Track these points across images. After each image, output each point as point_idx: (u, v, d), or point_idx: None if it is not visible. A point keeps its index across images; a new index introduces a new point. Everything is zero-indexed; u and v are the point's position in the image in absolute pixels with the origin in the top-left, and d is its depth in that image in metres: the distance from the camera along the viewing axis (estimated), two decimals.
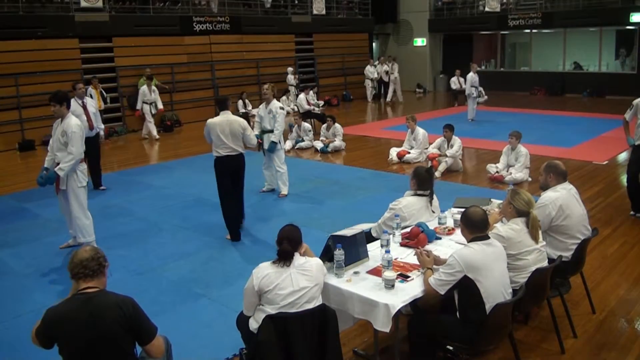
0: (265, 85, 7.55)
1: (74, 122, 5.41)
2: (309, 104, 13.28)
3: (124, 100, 14.01)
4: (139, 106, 12.40)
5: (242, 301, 3.16)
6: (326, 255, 3.48)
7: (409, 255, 3.67)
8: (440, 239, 3.99)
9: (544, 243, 3.73)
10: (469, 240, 3.27)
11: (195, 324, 4.23)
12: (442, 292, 3.16)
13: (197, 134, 12.57)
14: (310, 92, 13.78)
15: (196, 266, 5.37)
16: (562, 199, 4.07)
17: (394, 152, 9.69)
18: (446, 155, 8.75)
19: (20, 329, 4.19)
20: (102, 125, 8.38)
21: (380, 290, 3.19)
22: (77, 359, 2.56)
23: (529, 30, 20.02)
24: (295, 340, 2.91)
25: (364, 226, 3.89)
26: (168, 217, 6.89)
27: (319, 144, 10.88)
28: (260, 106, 7.75)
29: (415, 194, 4.31)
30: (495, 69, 21.61)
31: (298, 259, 3.08)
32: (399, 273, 3.37)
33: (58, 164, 5.40)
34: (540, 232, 3.64)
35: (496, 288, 3.16)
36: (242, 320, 3.23)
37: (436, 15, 22.01)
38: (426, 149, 9.45)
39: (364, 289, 3.21)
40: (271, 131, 7.42)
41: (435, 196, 4.41)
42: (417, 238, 3.82)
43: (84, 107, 7.85)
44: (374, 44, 22.90)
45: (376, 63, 19.52)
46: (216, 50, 15.82)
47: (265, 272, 3.02)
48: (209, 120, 5.96)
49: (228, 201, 6.04)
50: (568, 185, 4.22)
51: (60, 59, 12.71)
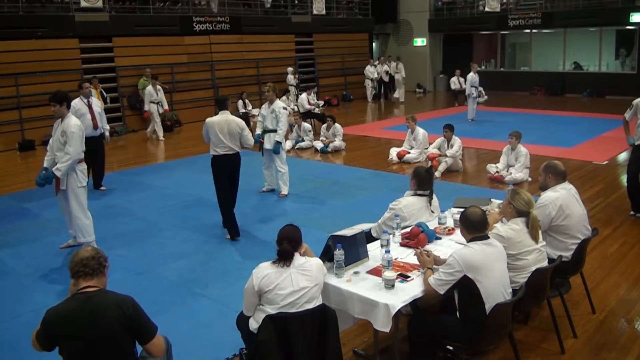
0: (267, 86, 7.55)
1: (73, 122, 5.42)
2: (309, 103, 13.29)
3: (124, 100, 14.02)
4: (147, 107, 12.33)
5: (242, 301, 3.16)
6: (326, 255, 3.48)
7: (409, 255, 3.67)
8: (440, 239, 4.00)
9: (544, 243, 3.73)
10: (469, 241, 3.27)
11: (195, 324, 4.23)
12: (442, 292, 3.17)
13: (197, 134, 12.51)
14: (312, 92, 13.79)
15: (196, 266, 5.37)
16: (562, 199, 4.07)
17: (394, 152, 9.70)
18: (446, 155, 8.75)
19: (20, 329, 4.20)
20: (108, 126, 8.34)
21: (380, 290, 3.19)
22: (77, 358, 2.56)
23: (529, 30, 20.03)
24: (295, 340, 2.91)
25: (364, 226, 3.89)
26: (168, 217, 6.89)
27: (319, 144, 10.89)
28: (262, 106, 7.75)
29: (415, 194, 4.31)
30: (495, 69, 21.62)
31: (298, 259, 3.08)
32: (399, 273, 3.37)
33: (58, 162, 5.40)
34: (540, 232, 3.64)
35: (496, 288, 3.16)
36: (242, 320, 3.23)
37: (436, 15, 22.02)
38: (426, 149, 9.45)
39: (364, 289, 3.21)
40: (273, 131, 7.42)
41: (435, 196, 4.42)
42: (417, 238, 3.82)
43: (89, 107, 7.84)
44: (374, 44, 22.90)
45: (376, 63, 19.53)
46: (216, 50, 15.82)
47: (265, 272, 3.02)
48: (208, 119, 6.03)
49: (225, 200, 6.09)
50: (568, 185, 4.22)
51: (60, 59, 12.71)
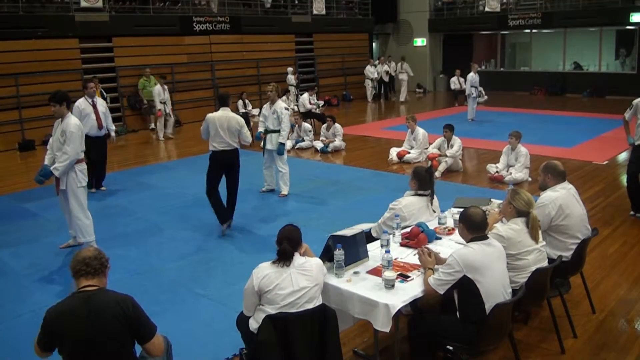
0: (270, 86, 7.54)
1: (73, 122, 5.41)
2: (310, 103, 13.28)
3: (124, 100, 14.02)
4: (159, 106, 12.35)
5: (242, 301, 3.16)
6: (326, 255, 3.48)
7: (409, 255, 3.67)
8: (440, 239, 4.00)
9: (544, 243, 3.73)
10: (468, 241, 3.27)
11: (195, 324, 4.23)
12: (442, 292, 3.17)
13: (197, 134, 12.49)
14: (313, 93, 13.77)
15: (196, 266, 5.37)
16: (562, 199, 4.07)
17: (394, 152, 9.70)
18: (446, 155, 8.75)
19: (20, 329, 4.20)
20: (113, 127, 8.30)
21: (380, 290, 3.19)
22: (77, 357, 2.56)
23: (529, 30, 20.02)
24: (295, 340, 2.91)
25: (364, 226, 3.89)
26: (168, 217, 6.89)
27: (319, 144, 10.88)
28: (264, 106, 7.74)
29: (416, 194, 4.31)
30: (495, 69, 21.61)
31: (298, 259, 3.08)
32: (399, 273, 3.37)
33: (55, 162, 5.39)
34: (540, 232, 3.64)
35: (496, 288, 3.16)
36: (242, 320, 3.23)
37: (436, 15, 22.01)
38: (426, 149, 9.45)
39: (364, 289, 3.21)
40: (275, 131, 7.41)
41: (435, 196, 4.42)
42: (417, 238, 3.82)
43: (94, 106, 7.81)
44: (374, 44, 22.90)
45: (376, 63, 19.53)
46: (216, 50, 15.82)
47: (265, 272, 3.02)
48: (209, 115, 6.17)
49: (212, 190, 6.22)
50: (567, 185, 4.21)
51: (60, 59, 12.71)
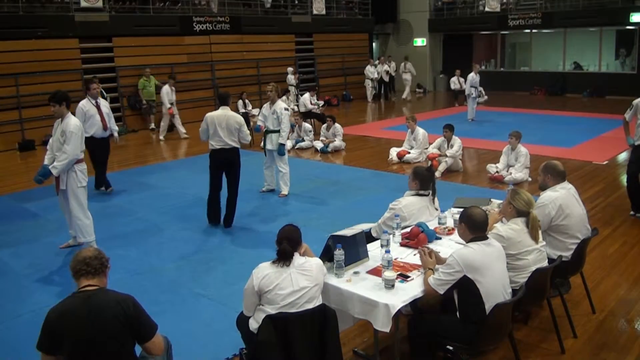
0: (270, 86, 7.54)
1: (73, 122, 5.41)
2: (311, 103, 13.28)
3: (124, 100, 14.01)
4: (168, 105, 12.35)
5: (242, 301, 3.16)
6: (326, 255, 3.48)
7: (409, 255, 3.67)
8: (440, 239, 4.00)
9: (544, 243, 3.73)
10: (468, 241, 3.27)
11: (195, 324, 4.23)
12: (442, 292, 3.17)
13: (198, 134, 12.52)
14: (314, 94, 13.76)
15: (196, 266, 5.37)
16: (562, 199, 4.07)
17: (394, 152, 9.70)
18: (446, 155, 8.75)
19: (20, 329, 4.20)
20: (116, 127, 8.25)
21: (380, 290, 3.19)
22: (77, 356, 2.56)
23: (529, 30, 20.02)
24: (295, 340, 2.91)
25: (364, 226, 3.89)
26: (168, 217, 6.89)
27: (319, 144, 10.89)
28: (264, 105, 7.74)
29: (417, 194, 4.31)
30: (495, 69, 21.61)
31: (298, 258, 3.08)
32: (399, 273, 3.37)
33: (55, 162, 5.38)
34: (540, 232, 3.64)
35: (496, 288, 3.16)
36: (242, 320, 3.23)
37: (436, 15, 22.01)
38: (426, 149, 9.45)
39: (364, 289, 3.21)
40: (275, 132, 7.41)
41: (436, 196, 4.42)
42: (417, 238, 3.82)
43: (98, 107, 7.74)
44: (374, 44, 22.90)
45: (376, 63, 19.53)
46: (216, 50, 15.81)
47: (265, 272, 3.02)
48: (208, 114, 6.29)
49: (214, 189, 6.39)
50: (567, 185, 4.22)
51: (60, 59, 12.71)
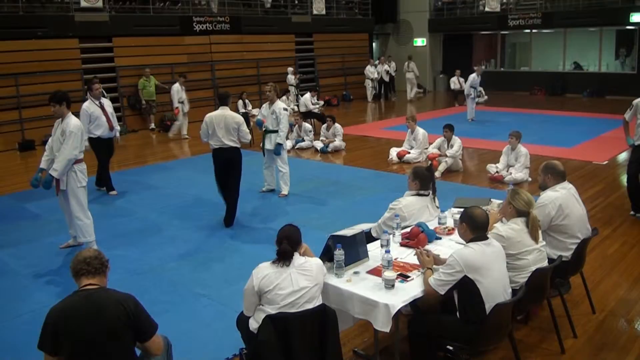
0: (269, 86, 7.54)
1: (73, 122, 5.40)
2: (311, 104, 13.27)
3: (124, 100, 14.01)
4: (176, 104, 12.34)
5: (242, 301, 3.16)
6: (326, 255, 3.48)
7: (409, 255, 3.67)
8: (440, 239, 4.00)
9: (544, 243, 3.73)
10: (468, 241, 3.27)
11: (195, 324, 4.23)
12: (442, 292, 3.17)
13: (198, 134, 12.54)
14: (315, 95, 13.74)
15: (196, 266, 5.38)
16: (562, 199, 4.07)
17: (394, 152, 9.69)
18: (446, 155, 8.75)
19: (20, 329, 4.20)
20: (118, 127, 8.21)
21: (380, 290, 3.19)
22: (78, 355, 2.56)
23: (529, 30, 20.01)
24: (295, 340, 2.91)
25: (364, 226, 3.88)
26: (168, 217, 6.89)
27: (319, 144, 10.89)
28: (263, 105, 7.75)
29: (417, 194, 4.31)
30: (495, 69, 21.59)
31: (298, 258, 3.08)
32: (399, 273, 3.37)
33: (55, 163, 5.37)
34: (540, 232, 3.64)
35: (496, 288, 3.16)
36: (242, 321, 3.23)
37: (436, 15, 22.00)
38: (426, 149, 9.45)
39: (364, 289, 3.21)
40: (274, 131, 7.42)
41: (436, 196, 4.42)
42: (417, 238, 3.82)
43: (102, 108, 7.68)
44: (374, 44, 22.90)
45: (376, 63, 19.53)
46: (216, 50, 15.80)
47: (265, 273, 3.02)
48: (207, 114, 6.38)
49: (221, 187, 6.50)
50: (568, 185, 4.21)
51: (60, 59, 12.70)
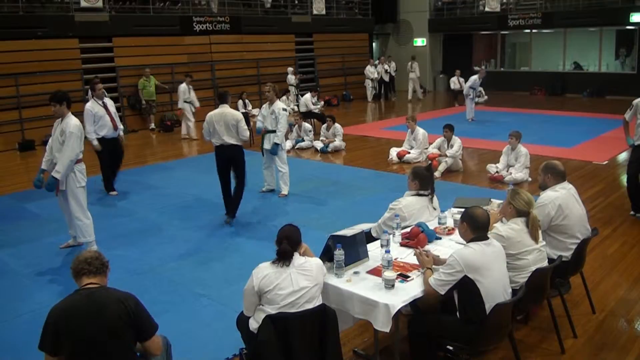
0: (267, 86, 7.54)
1: (73, 122, 5.38)
2: (312, 104, 13.26)
3: (124, 100, 14.01)
4: (180, 105, 12.33)
5: (242, 301, 3.16)
6: (326, 255, 3.48)
7: (409, 255, 3.67)
8: (440, 239, 3.99)
9: (544, 243, 3.73)
10: (469, 241, 3.27)
11: (195, 324, 4.23)
12: (442, 292, 3.17)
13: (197, 134, 12.60)
14: (316, 95, 13.74)
15: (196, 266, 5.37)
16: (562, 199, 4.07)
17: (394, 152, 9.69)
18: (446, 155, 8.75)
19: (20, 329, 4.20)
20: (122, 126, 8.18)
21: (380, 290, 3.19)
22: (78, 354, 2.57)
23: (529, 30, 20.00)
24: (295, 340, 2.91)
25: (364, 226, 3.88)
26: (168, 217, 6.89)
27: (319, 144, 10.88)
28: (262, 106, 7.76)
29: (417, 194, 4.31)
30: (495, 69, 21.58)
31: (297, 258, 3.08)
32: (399, 273, 3.37)
33: (56, 164, 5.37)
34: (540, 232, 3.64)
35: (496, 288, 3.16)
36: (242, 321, 3.23)
37: (436, 15, 22.00)
38: (426, 149, 9.44)
39: (364, 289, 3.21)
40: (273, 132, 7.42)
41: (435, 196, 4.42)
42: (417, 238, 3.82)
43: (105, 108, 7.65)
44: (374, 44, 22.89)
45: (376, 63, 19.53)
46: (216, 50, 15.81)
47: (265, 273, 3.02)
48: (208, 113, 6.51)
49: (223, 184, 6.67)
50: (567, 185, 4.21)
51: (60, 59, 12.70)
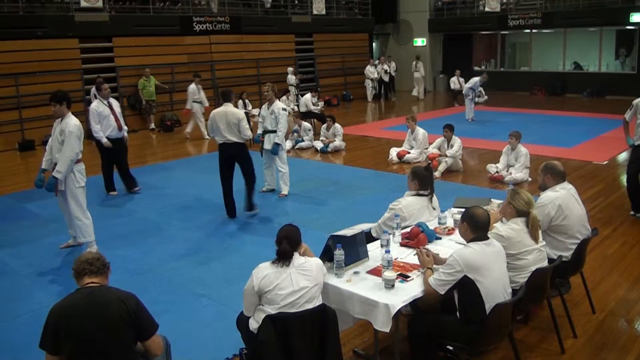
0: (266, 86, 7.55)
1: (72, 122, 5.38)
2: (312, 104, 13.26)
3: (124, 100, 14.01)
4: (189, 105, 12.32)
5: (242, 301, 3.16)
6: (326, 255, 3.48)
7: (409, 255, 3.67)
8: (440, 239, 3.99)
9: (544, 243, 3.73)
10: (469, 241, 3.27)
11: (195, 324, 4.23)
12: (442, 292, 3.17)
13: (197, 134, 12.61)
14: (316, 95, 13.74)
15: (196, 266, 5.37)
16: (561, 199, 4.07)
17: (394, 152, 9.69)
18: (446, 155, 8.75)
19: (20, 329, 4.21)
20: (126, 127, 8.10)
21: (380, 290, 3.19)
22: (79, 354, 2.57)
23: (529, 30, 20.00)
24: (295, 340, 2.91)
25: (364, 226, 3.88)
26: (168, 217, 6.89)
27: (319, 144, 10.88)
28: (262, 106, 7.76)
29: (417, 194, 4.31)
30: (495, 69, 21.58)
31: (297, 258, 3.08)
32: (399, 273, 3.37)
33: (56, 164, 5.37)
34: (540, 232, 3.64)
35: (496, 288, 3.16)
36: (242, 321, 3.23)
37: (436, 15, 22.00)
38: (426, 149, 9.44)
39: (364, 289, 3.21)
40: (272, 132, 7.42)
41: (434, 195, 4.42)
42: (417, 238, 3.82)
43: (110, 108, 7.62)
44: (374, 44, 22.89)
45: (376, 63, 19.53)
46: (216, 50, 15.81)
47: (265, 273, 3.02)
48: (213, 111, 6.64)
49: (224, 182, 6.67)
50: (567, 185, 4.21)
51: (60, 59, 12.71)
